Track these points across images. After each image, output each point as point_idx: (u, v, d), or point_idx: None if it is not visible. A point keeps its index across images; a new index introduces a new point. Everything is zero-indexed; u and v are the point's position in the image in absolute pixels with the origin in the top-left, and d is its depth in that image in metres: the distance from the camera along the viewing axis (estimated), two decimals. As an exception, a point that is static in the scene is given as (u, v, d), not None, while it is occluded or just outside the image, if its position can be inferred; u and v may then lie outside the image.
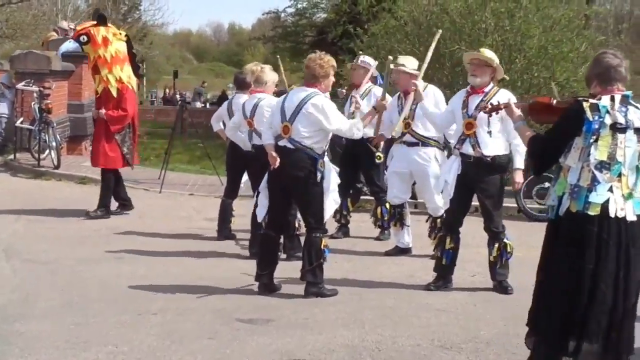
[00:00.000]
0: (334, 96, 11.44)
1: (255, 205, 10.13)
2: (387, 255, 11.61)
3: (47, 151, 18.98)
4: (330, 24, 39.97)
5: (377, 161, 12.19)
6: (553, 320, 6.06)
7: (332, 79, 9.25)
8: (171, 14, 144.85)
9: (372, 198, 14.19)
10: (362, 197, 15.11)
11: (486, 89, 9.46)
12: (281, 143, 9.00)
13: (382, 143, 12.20)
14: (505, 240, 9.49)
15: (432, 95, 10.97)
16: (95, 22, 13.68)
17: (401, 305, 8.85)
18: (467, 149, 9.43)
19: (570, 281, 5.96)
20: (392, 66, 10.94)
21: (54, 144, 18.86)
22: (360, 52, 14.35)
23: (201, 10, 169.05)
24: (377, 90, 12.02)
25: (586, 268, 5.91)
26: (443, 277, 9.67)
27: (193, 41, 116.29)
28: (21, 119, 20.57)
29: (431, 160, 11.02)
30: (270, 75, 11.18)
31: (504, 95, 9.11)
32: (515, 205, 14.89)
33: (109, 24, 13.75)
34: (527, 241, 10.90)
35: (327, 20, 43.96)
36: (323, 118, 8.89)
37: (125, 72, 13.64)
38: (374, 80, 12.65)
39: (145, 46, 57.25)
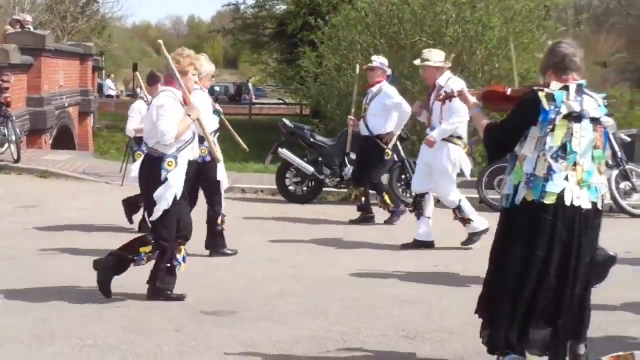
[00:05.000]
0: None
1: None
2: (404, 248, 11.45)
3: (7, 145, 18.84)
4: (290, 16, 39.91)
5: (385, 157, 13.03)
6: (503, 307, 6.11)
7: (190, 77, 8.56)
8: (130, 6, 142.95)
9: (335, 190, 14.36)
10: (324, 189, 15.21)
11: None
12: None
13: (393, 140, 12.95)
14: None
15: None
16: None
17: (365, 297, 8.87)
18: None
19: (521, 268, 6.02)
20: (418, 62, 11.46)
21: (13, 137, 18.75)
22: (374, 55, 14.47)
23: (160, 3, 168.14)
24: (388, 88, 12.87)
25: (537, 255, 5.97)
26: None
27: (152, 34, 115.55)
28: (-21, 113, 20.41)
29: (443, 155, 11.13)
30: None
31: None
32: (477, 195, 14.96)
33: None
34: (490, 232, 10.94)
35: (287, 11, 43.85)
36: (154, 112, 8.33)
37: None
38: (387, 77, 13.19)
39: (104, 39, 56.87)
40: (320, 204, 15.08)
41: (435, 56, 11.30)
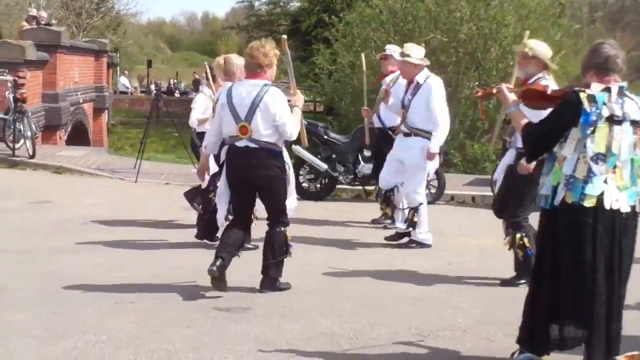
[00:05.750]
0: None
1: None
2: (387, 240, 11.55)
3: (22, 141, 18.88)
4: (304, 13, 39.98)
5: None
6: (554, 312, 6.08)
7: (275, 68, 8.76)
8: (145, 3, 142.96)
9: (349, 187, 14.33)
10: (337, 187, 15.21)
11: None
12: (240, 144, 8.49)
13: None
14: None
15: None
16: None
17: (378, 294, 8.87)
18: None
19: (572, 272, 5.98)
20: (398, 57, 11.43)
21: (29, 133, 18.79)
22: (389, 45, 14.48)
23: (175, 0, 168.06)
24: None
25: (585, 260, 5.93)
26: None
27: (166, 30, 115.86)
28: (-5, 108, 20.47)
29: (420, 150, 11.03)
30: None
31: None
32: (491, 194, 14.92)
33: None
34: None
35: (301, 8, 43.95)
36: (277, 112, 8.38)
37: None
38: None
39: (118, 36, 57.02)
40: (333, 201, 15.07)
41: (416, 52, 11.18)
